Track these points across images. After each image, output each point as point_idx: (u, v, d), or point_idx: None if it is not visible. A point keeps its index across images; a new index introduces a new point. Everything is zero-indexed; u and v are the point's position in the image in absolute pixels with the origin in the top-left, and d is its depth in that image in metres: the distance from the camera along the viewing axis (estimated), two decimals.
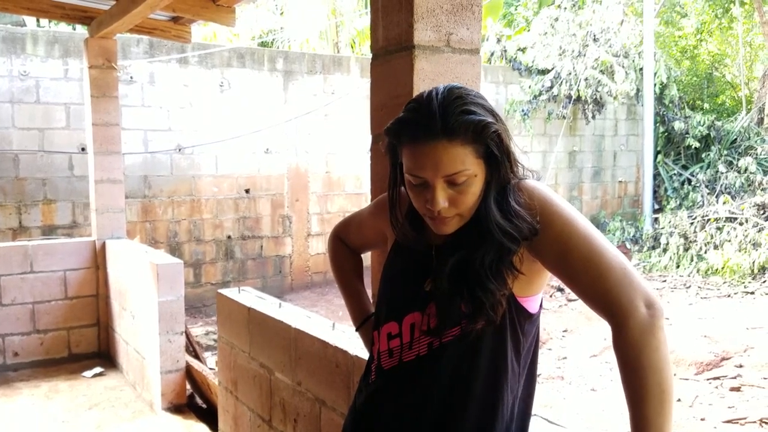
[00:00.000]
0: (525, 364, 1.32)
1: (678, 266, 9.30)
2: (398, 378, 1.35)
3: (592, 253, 1.17)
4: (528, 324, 1.29)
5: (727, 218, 9.39)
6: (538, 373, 1.37)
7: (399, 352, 1.34)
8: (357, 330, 1.73)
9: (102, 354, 5.13)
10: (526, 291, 1.27)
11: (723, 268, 8.66)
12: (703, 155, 11.54)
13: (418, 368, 1.31)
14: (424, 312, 1.30)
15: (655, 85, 11.13)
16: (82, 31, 6.79)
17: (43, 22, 8.88)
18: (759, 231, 8.73)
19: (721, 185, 10.73)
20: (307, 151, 8.57)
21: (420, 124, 1.18)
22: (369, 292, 1.78)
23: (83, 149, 6.80)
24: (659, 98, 11.55)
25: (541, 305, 1.34)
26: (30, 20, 8.79)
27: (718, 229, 9.31)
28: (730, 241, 8.93)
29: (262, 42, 12.26)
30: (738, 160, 11.03)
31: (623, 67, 10.69)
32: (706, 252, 9.13)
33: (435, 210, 1.20)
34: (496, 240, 1.20)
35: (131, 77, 7.31)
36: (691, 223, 9.68)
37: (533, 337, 1.33)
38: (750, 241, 8.69)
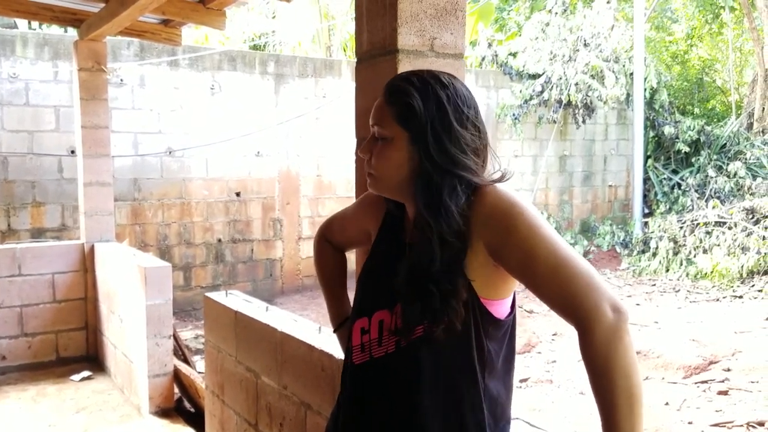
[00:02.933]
0: (492, 369, 1.30)
1: (667, 270, 9.34)
2: (368, 374, 1.37)
3: (558, 258, 1.17)
4: (493, 328, 1.28)
5: (716, 222, 9.45)
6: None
7: (369, 348, 1.36)
8: (335, 332, 1.73)
9: (90, 357, 5.10)
10: (491, 294, 1.27)
11: (712, 272, 8.70)
12: (693, 160, 11.61)
13: (386, 366, 1.32)
14: (392, 310, 1.31)
15: (645, 89, 11.19)
16: (72, 33, 6.79)
17: (34, 24, 8.86)
18: (748, 235, 8.78)
19: (711, 190, 10.80)
20: (299, 154, 8.57)
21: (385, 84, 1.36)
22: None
23: (72, 152, 6.77)
24: (649, 103, 11.61)
25: (512, 311, 1.33)
26: (21, 22, 8.76)
27: (708, 233, 9.36)
28: (719, 245, 8.98)
29: (254, 45, 12.26)
30: (727, 164, 11.10)
31: (613, 71, 10.74)
32: (695, 256, 9.18)
33: (358, 155, 1.34)
34: (426, 238, 1.22)
35: (121, 80, 7.30)
36: (681, 228, 9.73)
37: (501, 341, 1.31)
38: (739, 246, 8.73)
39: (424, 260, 1.22)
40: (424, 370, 1.27)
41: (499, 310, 1.29)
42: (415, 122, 1.25)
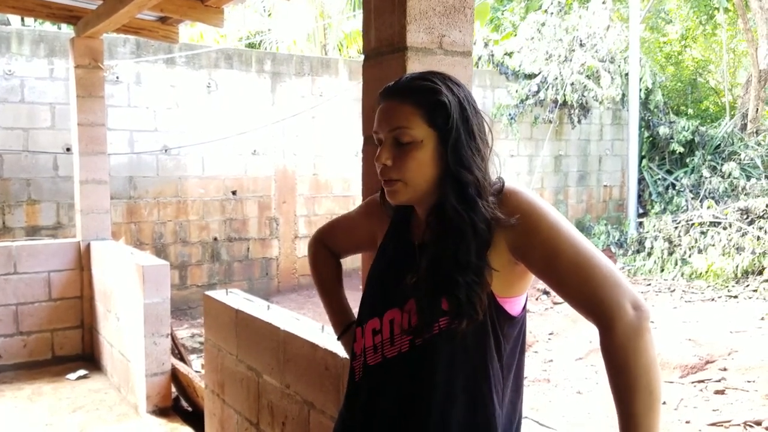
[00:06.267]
0: (509, 367, 1.32)
1: (662, 270, 9.36)
2: (382, 374, 1.35)
3: (579, 257, 1.18)
4: (509, 326, 1.29)
5: (711, 223, 9.48)
6: (524, 375, 1.38)
7: (381, 348, 1.35)
8: (339, 339, 1.72)
9: (86, 356, 5.08)
10: (506, 292, 1.27)
11: (707, 272, 8.73)
12: (688, 160, 11.66)
13: (401, 365, 1.31)
14: (403, 309, 1.30)
15: (640, 90, 11.23)
16: (68, 30, 6.74)
17: (29, 20, 8.80)
18: (742, 235, 8.81)
19: (705, 190, 10.84)
20: (295, 153, 8.55)
21: (389, 87, 1.30)
22: (358, 295, 1.77)
23: (68, 149, 6.73)
24: (644, 103, 11.65)
25: (524, 308, 1.34)
26: (15, 19, 8.71)
27: (702, 233, 9.38)
28: (714, 245, 9.00)
29: (250, 43, 12.23)
30: (722, 165, 11.15)
31: (609, 72, 10.76)
32: (690, 256, 9.20)
33: (379, 163, 1.26)
34: (457, 230, 1.22)
35: (117, 77, 7.26)
36: (676, 228, 9.75)
37: (516, 339, 1.32)
38: (733, 246, 8.76)
39: (449, 252, 1.22)
40: (440, 369, 1.27)
41: (514, 307, 1.30)
42: (446, 121, 1.23)
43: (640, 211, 11.50)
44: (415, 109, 1.24)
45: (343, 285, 1.75)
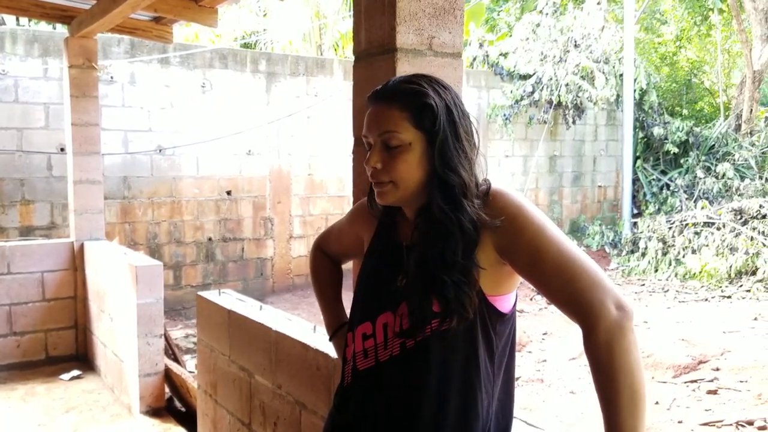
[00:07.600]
0: (500, 365, 1.33)
1: (656, 270, 9.39)
2: (373, 379, 1.36)
3: (563, 258, 1.19)
4: (500, 324, 1.30)
5: (704, 223, 9.51)
6: (517, 375, 1.39)
7: (374, 352, 1.35)
8: (330, 339, 1.74)
9: (80, 357, 5.07)
10: (496, 290, 1.29)
11: (701, 272, 8.76)
12: (682, 161, 11.69)
13: (393, 368, 1.32)
14: (395, 312, 1.31)
15: (634, 91, 11.25)
16: (62, 30, 6.74)
17: (23, 20, 8.78)
18: (736, 236, 8.85)
19: (699, 190, 10.87)
20: (290, 153, 8.55)
21: (377, 91, 1.32)
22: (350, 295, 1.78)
23: (62, 149, 6.72)
24: (639, 104, 11.67)
25: (515, 305, 1.35)
26: (9, 18, 8.69)
27: (696, 233, 9.42)
28: (707, 245, 9.03)
29: (245, 43, 12.23)
30: (716, 165, 11.18)
31: (603, 72, 10.79)
32: (684, 256, 9.23)
33: (369, 166, 1.27)
34: (444, 231, 1.23)
35: (111, 77, 7.25)
36: (670, 228, 9.78)
37: (507, 337, 1.33)
38: (727, 246, 8.79)
39: (436, 252, 1.24)
40: (433, 370, 1.28)
41: (504, 304, 1.31)
42: (433, 123, 1.24)
43: (635, 211, 11.52)
44: (402, 112, 1.26)
45: (341, 289, 1.77)
